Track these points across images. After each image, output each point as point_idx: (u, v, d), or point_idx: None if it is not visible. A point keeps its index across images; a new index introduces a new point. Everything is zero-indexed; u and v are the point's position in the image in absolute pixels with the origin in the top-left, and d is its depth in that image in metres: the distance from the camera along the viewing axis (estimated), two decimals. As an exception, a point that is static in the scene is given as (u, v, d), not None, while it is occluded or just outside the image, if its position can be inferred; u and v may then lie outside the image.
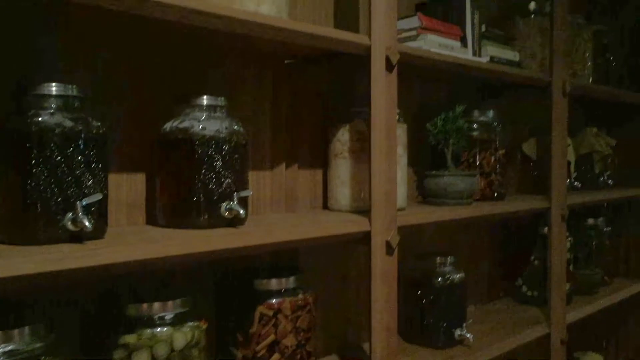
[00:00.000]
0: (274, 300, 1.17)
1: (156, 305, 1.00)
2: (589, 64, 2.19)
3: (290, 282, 1.20)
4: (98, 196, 0.88)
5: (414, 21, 1.50)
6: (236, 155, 1.09)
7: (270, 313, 1.16)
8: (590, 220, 2.24)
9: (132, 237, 0.95)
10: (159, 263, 0.91)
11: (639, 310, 2.52)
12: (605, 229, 2.29)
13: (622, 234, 2.50)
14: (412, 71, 1.54)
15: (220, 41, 1.18)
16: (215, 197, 1.05)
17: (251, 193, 1.11)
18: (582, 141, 2.21)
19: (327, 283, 1.52)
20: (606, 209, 2.41)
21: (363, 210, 1.33)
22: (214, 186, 1.05)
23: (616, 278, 2.44)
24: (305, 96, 1.47)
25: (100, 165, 0.91)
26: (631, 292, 2.33)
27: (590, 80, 2.18)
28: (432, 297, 1.56)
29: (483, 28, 1.73)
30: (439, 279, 1.56)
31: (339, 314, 1.56)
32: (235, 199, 1.06)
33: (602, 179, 2.29)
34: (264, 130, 1.38)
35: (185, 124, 1.06)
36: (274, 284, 1.19)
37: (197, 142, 1.04)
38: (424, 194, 1.65)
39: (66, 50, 1.05)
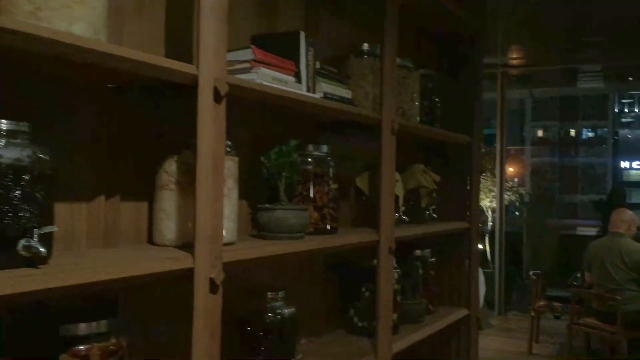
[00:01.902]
0: (81, 347, 1.06)
1: None
2: (416, 104, 2.34)
3: (101, 326, 1.10)
4: None
5: (248, 54, 1.49)
6: (39, 187, 0.98)
7: (77, 361, 1.05)
8: (417, 252, 2.38)
9: None
10: None
11: (460, 335, 2.71)
12: (430, 259, 2.44)
13: (445, 264, 2.68)
14: (249, 104, 1.53)
15: (32, 63, 1.07)
16: (10, 234, 0.93)
17: (56, 229, 1.00)
18: (410, 177, 2.34)
19: (153, 323, 1.42)
20: (431, 241, 2.57)
21: (190, 245, 1.26)
22: (9, 221, 0.93)
23: (441, 306, 2.60)
24: (132, 125, 1.38)
25: None
26: (452, 319, 2.50)
27: (418, 119, 2.33)
28: (261, 334, 1.53)
29: (318, 65, 1.77)
30: (270, 314, 1.54)
31: (165, 357, 1.46)
32: (35, 235, 0.95)
33: (427, 212, 2.45)
34: (82, 159, 1.27)
35: (-23, 150, 0.94)
36: (81, 328, 1.08)
37: (-11, 171, 0.92)
38: (258, 228, 1.63)
39: None
